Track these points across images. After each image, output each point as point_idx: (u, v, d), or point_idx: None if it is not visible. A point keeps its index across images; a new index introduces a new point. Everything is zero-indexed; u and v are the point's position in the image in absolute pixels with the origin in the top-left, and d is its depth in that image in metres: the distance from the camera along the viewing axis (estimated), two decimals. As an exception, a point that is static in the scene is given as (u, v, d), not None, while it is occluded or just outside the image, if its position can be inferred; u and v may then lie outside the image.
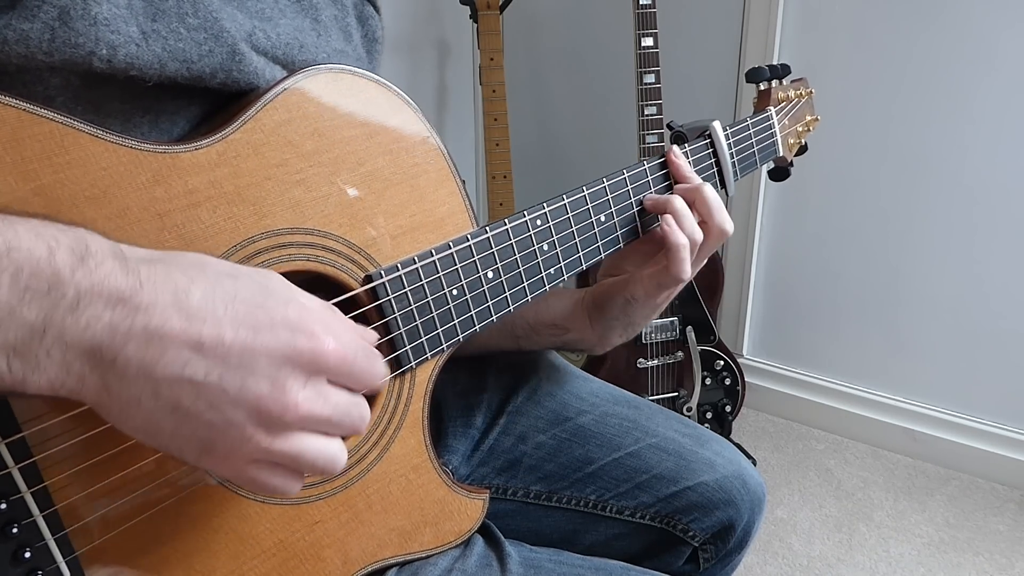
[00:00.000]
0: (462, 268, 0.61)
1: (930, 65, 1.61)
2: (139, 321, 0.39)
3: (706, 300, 1.69)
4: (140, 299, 0.39)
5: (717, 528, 0.80)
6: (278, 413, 0.41)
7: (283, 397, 0.41)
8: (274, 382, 0.41)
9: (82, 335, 0.38)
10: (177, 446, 0.42)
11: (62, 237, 0.38)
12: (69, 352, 0.38)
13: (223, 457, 0.42)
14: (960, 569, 1.55)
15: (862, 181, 1.76)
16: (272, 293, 0.43)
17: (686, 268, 0.69)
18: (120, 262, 0.39)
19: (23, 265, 0.37)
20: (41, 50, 0.44)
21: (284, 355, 0.41)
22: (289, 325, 0.42)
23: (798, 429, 1.98)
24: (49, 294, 0.37)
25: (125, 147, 0.46)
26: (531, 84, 2.17)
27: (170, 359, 0.39)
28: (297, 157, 0.53)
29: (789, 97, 0.88)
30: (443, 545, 0.66)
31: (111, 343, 0.38)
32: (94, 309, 0.38)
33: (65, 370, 0.38)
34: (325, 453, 0.44)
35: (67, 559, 0.45)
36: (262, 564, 0.55)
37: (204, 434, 0.41)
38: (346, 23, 0.65)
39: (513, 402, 0.83)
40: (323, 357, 0.43)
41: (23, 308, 0.36)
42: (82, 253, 0.38)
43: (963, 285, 1.72)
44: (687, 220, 0.69)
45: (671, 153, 0.73)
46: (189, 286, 0.40)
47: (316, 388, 0.43)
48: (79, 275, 0.38)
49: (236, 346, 0.40)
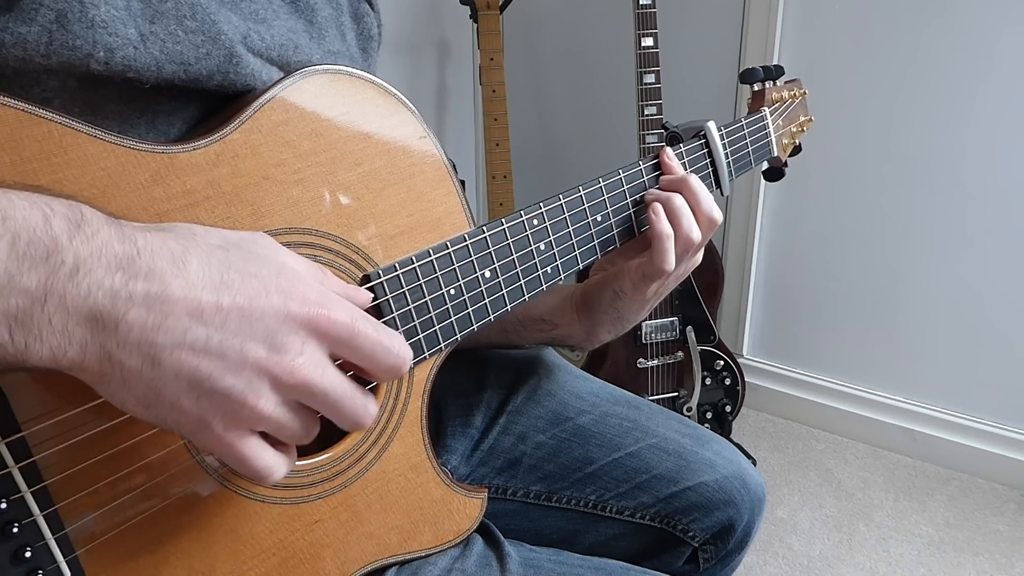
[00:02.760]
0: (459, 268, 0.61)
1: (930, 65, 1.61)
2: (140, 287, 0.39)
3: (706, 300, 1.69)
4: (139, 266, 0.39)
5: (717, 528, 0.80)
6: (276, 374, 0.42)
7: (280, 360, 0.42)
8: (271, 345, 0.42)
9: (83, 302, 0.38)
10: (175, 418, 0.42)
11: (57, 206, 0.39)
12: (71, 319, 0.38)
13: (221, 430, 0.42)
14: (960, 569, 1.55)
15: (862, 181, 1.76)
16: (266, 261, 0.44)
17: (670, 259, 0.68)
18: (116, 229, 0.40)
19: (20, 232, 0.37)
20: (39, 53, 0.44)
21: (280, 319, 0.43)
22: (282, 291, 0.43)
23: (798, 429, 1.98)
24: (47, 260, 0.37)
25: (123, 147, 0.46)
26: (531, 84, 2.17)
27: (171, 325, 0.40)
28: (295, 157, 0.53)
29: (783, 98, 0.88)
30: (442, 544, 0.66)
31: (112, 309, 0.38)
32: (95, 276, 0.38)
33: (67, 338, 0.38)
34: (304, 422, 0.45)
35: (67, 558, 0.45)
36: (262, 563, 0.55)
37: (204, 404, 0.41)
38: (341, 22, 0.65)
39: (513, 402, 0.83)
40: (317, 320, 0.44)
41: (22, 275, 0.37)
42: (78, 220, 0.39)
43: (963, 285, 1.72)
44: (678, 214, 0.69)
45: (664, 153, 0.74)
46: (185, 255, 0.41)
47: (313, 353, 0.44)
48: (77, 242, 0.38)
49: (234, 312, 0.41)
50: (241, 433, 0.43)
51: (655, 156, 0.74)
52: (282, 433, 0.45)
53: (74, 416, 0.44)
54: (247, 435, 0.43)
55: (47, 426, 0.44)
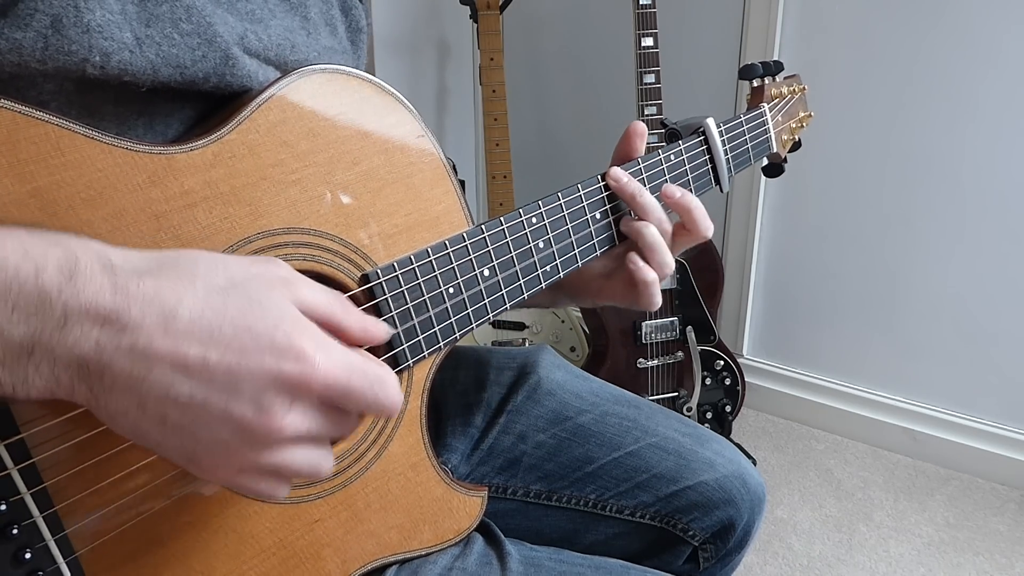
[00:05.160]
0: (458, 267, 0.61)
1: (930, 65, 1.61)
2: (126, 341, 0.39)
3: (706, 300, 1.69)
4: (128, 319, 0.39)
5: (717, 528, 0.80)
6: (263, 435, 0.42)
7: (268, 421, 0.41)
8: (258, 406, 0.41)
9: (70, 351, 0.39)
10: (164, 453, 0.43)
11: (51, 253, 0.39)
12: (57, 366, 0.39)
13: (209, 468, 0.43)
14: (960, 569, 1.55)
15: (862, 181, 1.76)
16: (265, 311, 0.42)
17: (656, 299, 0.70)
18: (109, 278, 0.40)
19: (11, 284, 0.37)
20: (34, 58, 0.44)
21: (269, 379, 0.41)
22: (276, 349, 0.41)
23: (798, 429, 1.98)
24: (37, 313, 0.38)
25: (121, 149, 0.46)
26: (531, 84, 2.17)
27: (155, 378, 0.40)
28: (292, 157, 0.53)
29: (782, 93, 0.88)
30: (442, 543, 0.66)
31: (98, 360, 0.39)
32: (82, 328, 0.38)
33: (55, 382, 0.39)
34: (309, 464, 0.45)
35: (67, 559, 0.46)
36: (262, 563, 0.55)
37: (190, 447, 0.42)
38: (331, 16, 0.65)
39: (513, 401, 0.83)
40: (310, 382, 0.42)
41: (11, 327, 0.37)
42: (71, 270, 0.39)
43: (963, 285, 1.72)
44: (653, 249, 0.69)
45: (609, 178, 0.70)
46: (177, 306, 0.40)
47: (302, 411, 0.43)
48: (67, 295, 0.38)
49: (221, 369, 0.40)
50: (231, 473, 0.43)
51: (654, 154, 0.74)
52: (271, 473, 0.44)
53: (73, 418, 0.44)
54: (236, 475, 0.44)
55: (46, 428, 0.44)
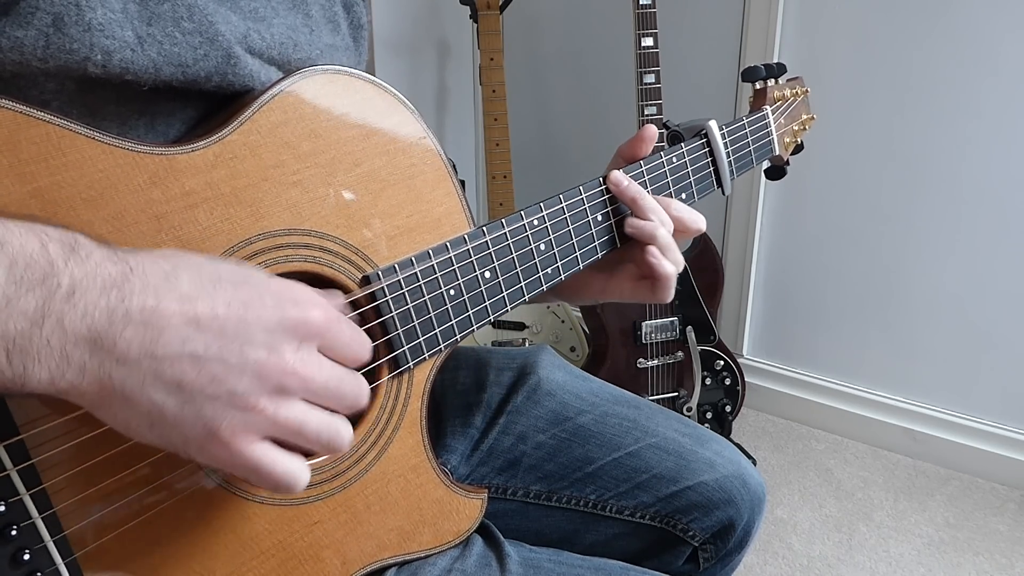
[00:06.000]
0: (459, 268, 0.61)
1: (930, 65, 1.61)
2: (135, 303, 0.40)
3: (706, 300, 1.69)
4: (133, 283, 0.40)
5: (717, 528, 0.80)
6: (278, 376, 0.43)
7: (281, 361, 0.43)
8: (270, 348, 0.43)
9: (80, 322, 0.38)
10: (180, 434, 0.42)
11: (52, 232, 0.40)
12: (68, 340, 0.38)
13: (229, 436, 0.42)
14: (960, 569, 1.55)
15: (862, 181, 1.76)
16: (255, 272, 0.46)
17: (672, 292, 0.71)
18: (108, 252, 0.41)
19: (17, 258, 0.38)
20: (35, 56, 0.44)
21: (276, 323, 0.44)
22: (276, 296, 0.44)
23: (798, 429, 1.98)
24: (44, 283, 0.38)
25: (122, 149, 0.46)
26: (531, 84, 2.17)
27: (169, 337, 0.40)
28: (294, 158, 0.53)
29: (785, 96, 0.88)
30: (442, 545, 0.66)
31: (109, 327, 0.39)
32: (90, 296, 0.39)
33: (66, 360, 0.39)
34: (329, 426, 0.46)
35: (66, 561, 0.45)
36: (261, 565, 0.55)
37: (209, 412, 0.41)
38: (334, 12, 0.65)
39: (512, 401, 0.83)
40: (312, 323, 0.45)
41: (20, 299, 0.37)
42: (72, 244, 0.40)
43: (963, 285, 1.72)
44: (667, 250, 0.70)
45: (610, 182, 0.70)
46: (176, 271, 0.42)
47: (309, 353, 0.45)
48: (72, 264, 0.39)
49: (231, 319, 0.42)
50: (251, 439, 0.43)
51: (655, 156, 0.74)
52: (290, 434, 0.45)
53: (73, 419, 0.44)
54: (257, 441, 0.43)
55: (45, 429, 0.44)
